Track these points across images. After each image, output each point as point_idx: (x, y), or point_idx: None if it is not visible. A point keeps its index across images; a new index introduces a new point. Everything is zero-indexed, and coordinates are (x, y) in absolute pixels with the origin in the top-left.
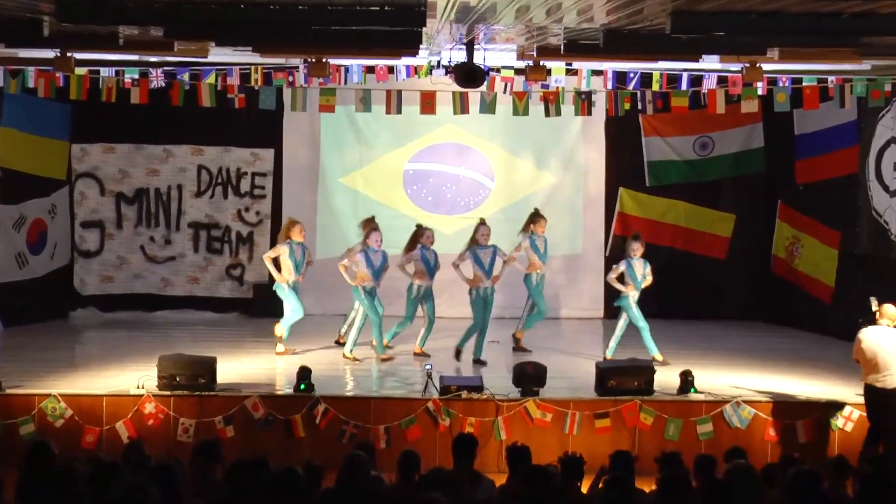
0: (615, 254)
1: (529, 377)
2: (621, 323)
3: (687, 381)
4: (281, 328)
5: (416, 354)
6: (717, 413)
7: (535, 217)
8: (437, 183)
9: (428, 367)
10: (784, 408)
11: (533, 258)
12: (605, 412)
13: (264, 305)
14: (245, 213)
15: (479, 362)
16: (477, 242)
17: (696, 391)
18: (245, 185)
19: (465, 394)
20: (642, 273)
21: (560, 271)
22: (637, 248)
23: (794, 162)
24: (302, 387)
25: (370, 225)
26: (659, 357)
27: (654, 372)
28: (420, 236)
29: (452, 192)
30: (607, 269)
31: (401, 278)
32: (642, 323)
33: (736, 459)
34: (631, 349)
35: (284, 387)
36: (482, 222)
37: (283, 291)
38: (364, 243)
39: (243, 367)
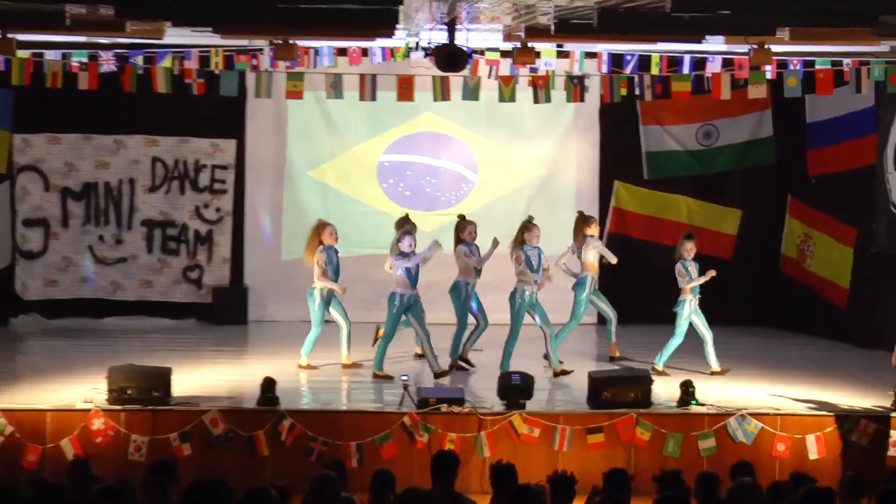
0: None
1: (515, 389)
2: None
3: (688, 392)
4: (303, 353)
5: (461, 359)
6: (720, 427)
7: (528, 226)
8: (415, 176)
9: (404, 377)
10: (794, 421)
11: (526, 274)
12: (599, 427)
13: (224, 311)
14: (204, 210)
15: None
16: (467, 239)
17: (697, 403)
18: (204, 180)
19: (444, 407)
20: (696, 275)
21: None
22: (691, 249)
23: (806, 152)
24: (266, 400)
25: (404, 226)
26: (717, 368)
27: (651, 382)
28: (462, 230)
29: (432, 186)
30: (602, 269)
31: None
32: (678, 339)
33: (741, 477)
34: (628, 357)
35: (247, 400)
36: (463, 219)
37: (313, 302)
38: (396, 246)
39: (201, 378)
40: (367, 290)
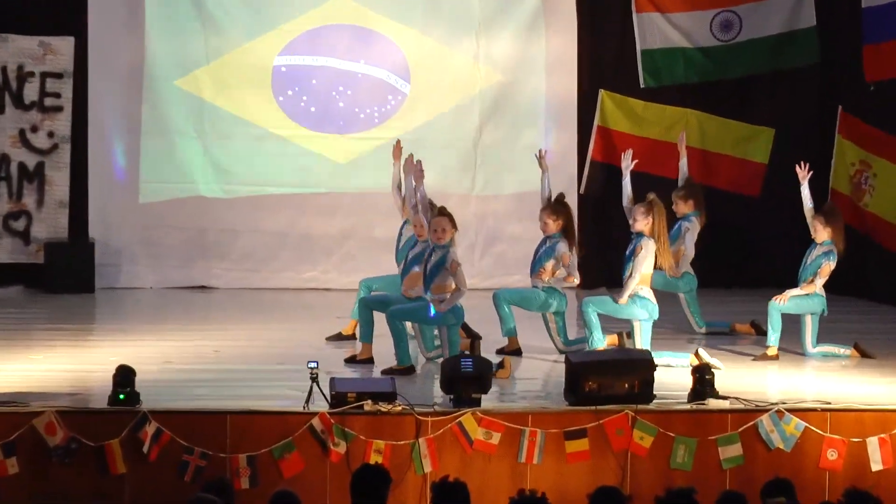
0: (595, 190)
1: (466, 379)
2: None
3: (703, 380)
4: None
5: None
6: (748, 428)
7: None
8: (323, 86)
9: (312, 364)
10: (850, 418)
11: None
12: (581, 430)
13: (62, 275)
14: (32, 136)
15: None
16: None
17: (717, 396)
18: (31, 93)
19: (368, 404)
20: None
21: (510, 218)
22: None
23: (862, 49)
24: (121, 397)
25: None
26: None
27: (653, 368)
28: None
29: (347, 100)
30: (583, 212)
31: None
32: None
33: (777, 498)
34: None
35: (95, 398)
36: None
37: None
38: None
39: (32, 369)
40: (257, 244)
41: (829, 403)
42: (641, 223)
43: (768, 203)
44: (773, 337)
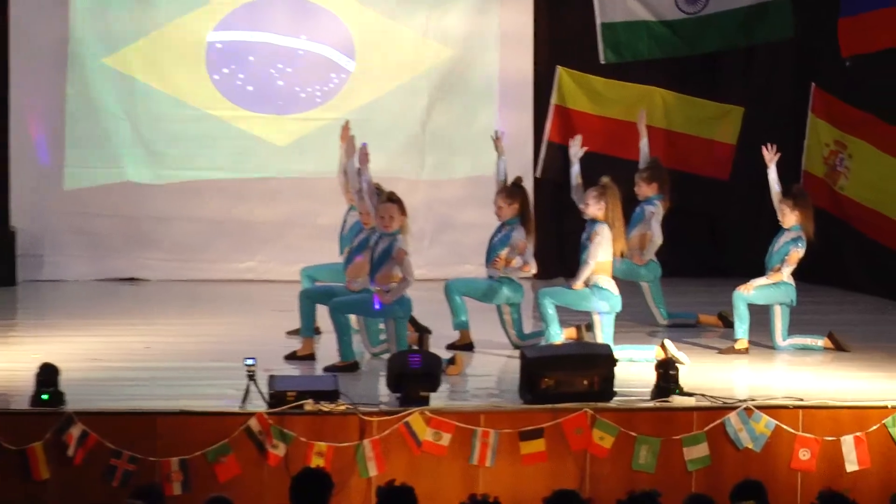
0: (553, 173)
1: (413, 376)
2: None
3: (668, 376)
4: None
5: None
6: (716, 427)
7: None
8: (261, 63)
9: (249, 361)
10: (824, 416)
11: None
12: (537, 430)
13: None
14: None
15: None
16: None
17: (682, 392)
18: None
19: (309, 404)
20: None
21: (462, 204)
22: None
23: (838, 22)
24: (44, 397)
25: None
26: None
27: (614, 364)
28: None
29: (287, 78)
30: (540, 197)
31: None
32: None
33: (748, 501)
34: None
35: (16, 399)
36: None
37: None
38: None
39: None
40: (191, 232)
41: (802, 400)
42: (594, 208)
43: (738, 187)
44: (741, 329)
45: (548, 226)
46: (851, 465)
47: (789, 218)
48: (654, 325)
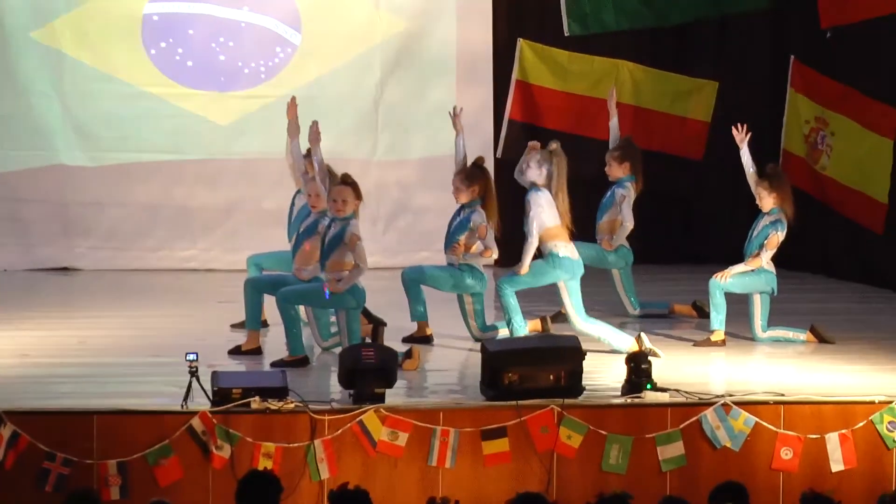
0: (514, 153)
1: (367, 371)
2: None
3: (640, 370)
4: None
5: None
6: (691, 425)
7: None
8: (201, 37)
9: (190, 356)
10: (807, 412)
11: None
12: (500, 428)
13: None
14: None
15: None
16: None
17: (654, 387)
18: None
19: (256, 402)
20: None
21: (418, 186)
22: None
23: None
24: None
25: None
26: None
27: (582, 356)
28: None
29: (229, 53)
30: (500, 179)
31: None
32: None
33: None
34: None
35: None
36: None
37: None
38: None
39: None
40: (127, 218)
41: (783, 395)
42: (534, 173)
43: (712, 167)
44: (717, 319)
45: (510, 210)
46: (836, 465)
47: (767, 201)
48: (623, 316)
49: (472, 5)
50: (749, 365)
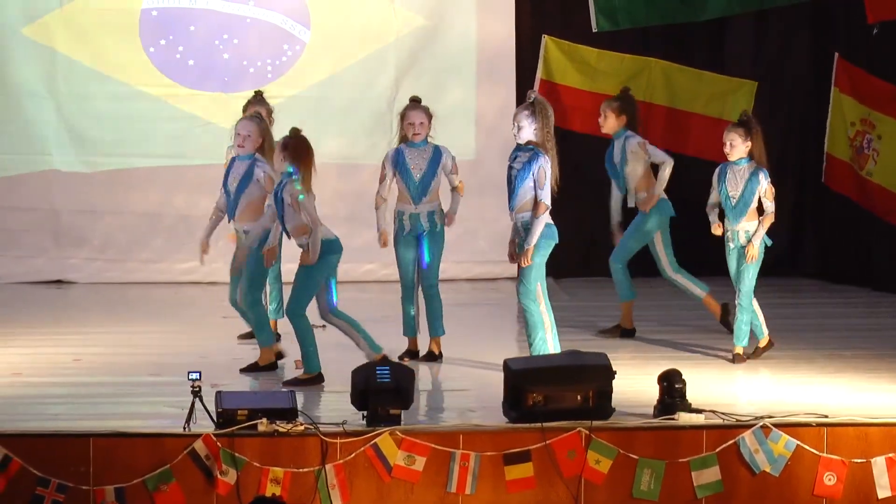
0: None
1: (382, 391)
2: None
3: (673, 390)
4: None
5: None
6: (729, 448)
7: (405, 113)
8: (203, 34)
9: (193, 375)
10: (851, 434)
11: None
12: (524, 452)
13: None
14: None
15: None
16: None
17: (690, 409)
18: None
19: (263, 424)
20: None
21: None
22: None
23: None
24: None
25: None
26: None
27: (611, 375)
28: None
29: (233, 51)
30: None
31: None
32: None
33: None
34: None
35: None
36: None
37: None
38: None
39: None
40: (124, 228)
41: (826, 417)
42: (528, 130)
43: None
44: (759, 327)
45: None
46: (883, 491)
47: (739, 149)
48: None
49: (494, 0)
50: (789, 384)
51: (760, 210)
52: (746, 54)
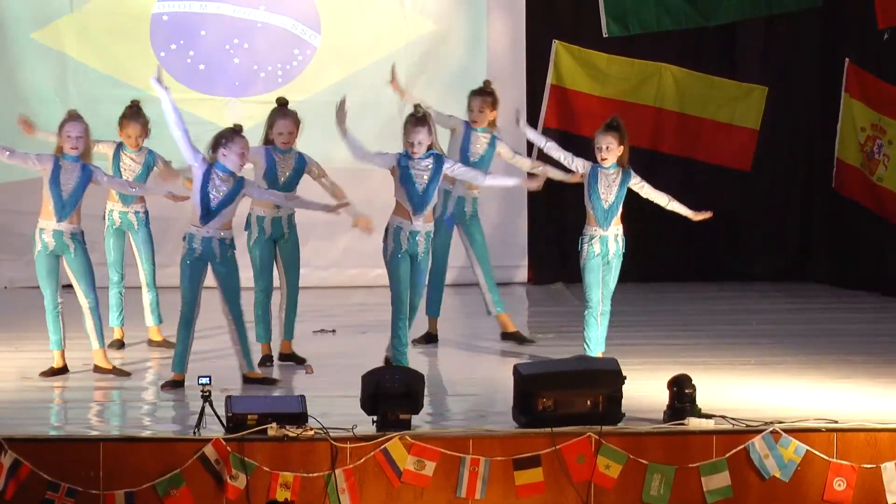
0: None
1: (392, 396)
2: None
3: (683, 395)
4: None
5: (283, 355)
6: (738, 453)
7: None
8: (214, 38)
9: (203, 380)
10: (862, 440)
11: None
12: (534, 457)
13: None
14: None
15: None
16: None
17: (700, 414)
18: None
19: (273, 428)
20: None
21: None
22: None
23: None
24: None
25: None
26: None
27: (621, 380)
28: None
29: (244, 56)
30: (533, 194)
31: None
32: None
33: None
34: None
35: None
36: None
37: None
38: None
39: None
40: None
41: (836, 422)
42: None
43: (761, 178)
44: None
45: (543, 226)
46: (893, 496)
47: (615, 153)
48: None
49: (505, 5)
50: (799, 389)
51: None
52: (757, 59)
